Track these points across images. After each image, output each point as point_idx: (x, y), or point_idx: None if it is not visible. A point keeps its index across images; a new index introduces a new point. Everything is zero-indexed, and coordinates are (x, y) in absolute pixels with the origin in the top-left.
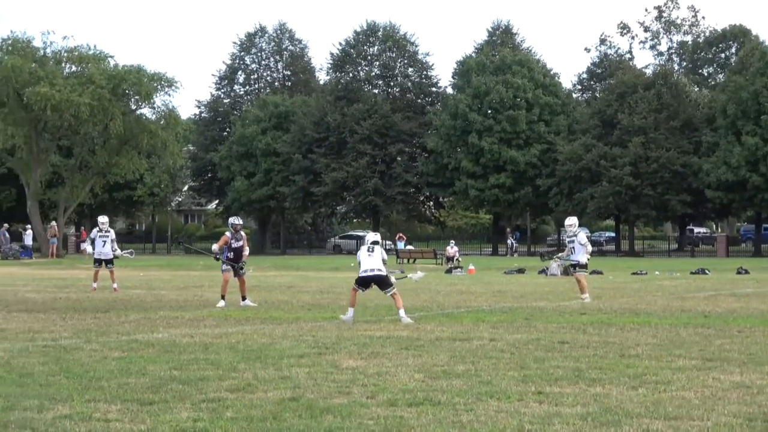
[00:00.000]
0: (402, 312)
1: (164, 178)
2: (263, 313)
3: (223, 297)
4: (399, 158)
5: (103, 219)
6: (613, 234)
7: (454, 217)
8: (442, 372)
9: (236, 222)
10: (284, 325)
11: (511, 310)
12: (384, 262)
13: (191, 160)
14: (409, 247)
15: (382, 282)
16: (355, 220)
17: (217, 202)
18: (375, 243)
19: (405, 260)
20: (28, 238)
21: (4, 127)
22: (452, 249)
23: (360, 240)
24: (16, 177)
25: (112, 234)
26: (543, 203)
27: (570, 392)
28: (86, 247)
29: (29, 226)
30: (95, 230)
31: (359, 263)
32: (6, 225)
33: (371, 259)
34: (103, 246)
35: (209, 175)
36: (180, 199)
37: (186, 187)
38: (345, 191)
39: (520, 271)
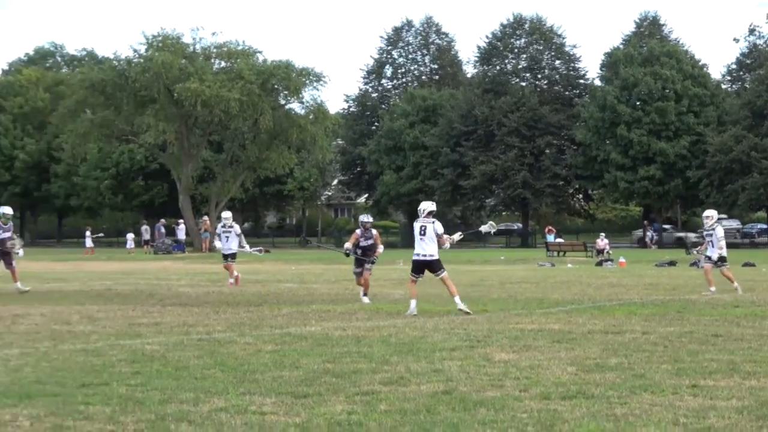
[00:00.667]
0: (458, 298)
1: (314, 172)
2: None
3: (365, 294)
4: (547, 151)
5: (226, 215)
6: (765, 226)
7: (604, 209)
8: (594, 365)
9: (365, 220)
10: (436, 318)
11: (663, 303)
12: (439, 235)
13: (340, 154)
14: (559, 239)
15: (434, 266)
16: (504, 213)
17: (366, 195)
18: (431, 214)
19: (555, 253)
20: (180, 233)
21: (156, 123)
22: (602, 241)
23: (510, 235)
24: (168, 172)
25: (237, 229)
26: (693, 195)
27: (725, 385)
28: (216, 243)
29: (182, 220)
30: (219, 226)
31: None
32: (163, 220)
33: (423, 243)
34: (227, 241)
35: (358, 168)
36: (330, 193)
37: (335, 181)
38: (494, 184)
39: (672, 263)
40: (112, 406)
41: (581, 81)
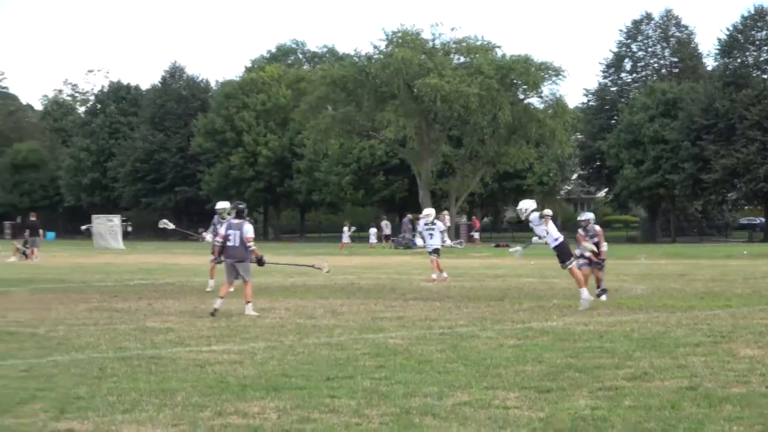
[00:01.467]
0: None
1: (553, 166)
2: (656, 301)
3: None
4: None
5: (427, 211)
6: None
7: None
8: None
9: (583, 218)
10: (678, 314)
11: None
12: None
13: (579, 149)
14: None
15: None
16: (746, 207)
17: (606, 190)
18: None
19: None
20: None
21: (396, 119)
22: None
23: (753, 229)
24: (408, 167)
25: (440, 225)
26: None
27: None
28: (417, 241)
29: (421, 215)
30: (422, 224)
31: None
32: (409, 216)
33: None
34: (431, 238)
35: (597, 163)
36: (569, 188)
37: (575, 176)
38: (735, 178)
39: None
40: (357, 399)
41: None
